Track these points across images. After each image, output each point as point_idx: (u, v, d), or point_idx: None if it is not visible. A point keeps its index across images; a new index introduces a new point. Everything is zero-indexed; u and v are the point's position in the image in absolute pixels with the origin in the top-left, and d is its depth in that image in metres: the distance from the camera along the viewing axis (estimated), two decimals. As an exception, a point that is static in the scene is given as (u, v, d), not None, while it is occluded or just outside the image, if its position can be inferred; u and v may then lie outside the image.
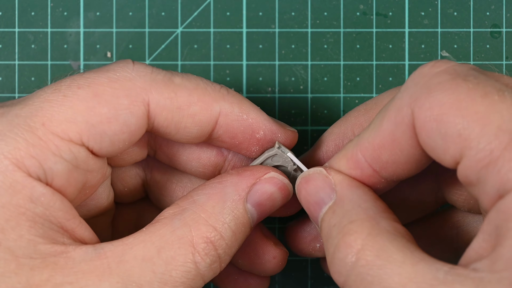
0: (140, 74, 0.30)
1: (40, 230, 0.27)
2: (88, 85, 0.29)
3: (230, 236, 0.30)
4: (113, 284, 0.27)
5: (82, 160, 0.29)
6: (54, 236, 0.28)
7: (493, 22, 0.41)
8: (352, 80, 0.41)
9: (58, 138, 0.28)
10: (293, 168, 0.33)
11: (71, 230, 0.28)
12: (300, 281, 0.41)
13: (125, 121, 0.29)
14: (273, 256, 0.34)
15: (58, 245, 0.28)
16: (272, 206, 0.32)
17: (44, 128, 0.28)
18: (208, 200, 0.30)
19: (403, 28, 0.41)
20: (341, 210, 0.28)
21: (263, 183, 0.31)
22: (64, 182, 0.28)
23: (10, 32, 0.41)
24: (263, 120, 0.32)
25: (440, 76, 0.26)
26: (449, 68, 0.26)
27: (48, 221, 0.28)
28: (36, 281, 0.27)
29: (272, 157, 0.33)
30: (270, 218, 0.41)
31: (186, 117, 0.30)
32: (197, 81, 0.31)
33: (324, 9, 0.41)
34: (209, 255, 0.29)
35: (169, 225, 0.29)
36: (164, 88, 0.30)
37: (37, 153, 0.27)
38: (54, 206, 0.28)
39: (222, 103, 0.31)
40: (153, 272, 0.28)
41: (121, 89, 0.29)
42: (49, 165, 0.28)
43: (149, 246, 0.28)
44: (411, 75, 0.27)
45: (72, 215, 0.29)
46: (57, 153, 0.28)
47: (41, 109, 0.28)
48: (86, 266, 0.27)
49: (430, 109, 0.25)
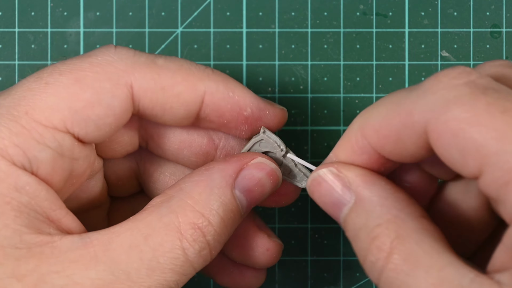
0: (122, 57, 0.30)
1: (25, 219, 0.27)
2: (70, 71, 0.29)
3: (218, 223, 0.29)
4: (99, 272, 0.27)
5: (67, 147, 0.29)
6: (40, 226, 0.28)
7: (493, 22, 0.41)
8: (352, 80, 0.41)
9: (42, 126, 0.28)
10: (282, 154, 0.33)
11: (57, 220, 0.28)
12: (300, 281, 0.41)
13: (109, 104, 0.29)
14: (267, 248, 0.34)
15: (44, 235, 0.27)
16: (261, 192, 0.31)
17: (27, 116, 0.28)
18: (194, 187, 0.30)
19: (403, 28, 0.41)
20: (364, 211, 0.28)
21: (250, 169, 0.31)
22: (50, 170, 0.28)
23: (10, 32, 0.41)
24: (249, 97, 0.32)
25: (459, 89, 0.25)
26: (470, 82, 0.25)
27: (33, 211, 0.27)
28: (22, 271, 0.26)
29: (260, 143, 0.33)
30: (270, 218, 0.41)
31: (171, 98, 0.30)
32: (180, 62, 0.31)
33: (324, 9, 0.41)
34: (197, 242, 0.29)
35: (156, 212, 0.29)
36: (146, 70, 0.30)
37: (20, 142, 0.27)
38: (39, 196, 0.28)
39: (207, 82, 0.31)
40: (141, 259, 0.28)
41: (103, 73, 0.29)
42: (34, 154, 0.28)
43: (136, 234, 0.28)
44: (428, 81, 0.26)
45: (58, 205, 0.28)
46: (41, 141, 0.28)
47: (24, 98, 0.28)
48: (72, 255, 0.27)
49: (447, 123, 0.25)
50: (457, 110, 0.24)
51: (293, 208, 0.41)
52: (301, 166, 0.33)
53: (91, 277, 0.27)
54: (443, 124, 0.25)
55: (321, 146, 0.41)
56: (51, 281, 0.26)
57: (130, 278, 0.27)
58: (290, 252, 0.41)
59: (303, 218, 0.41)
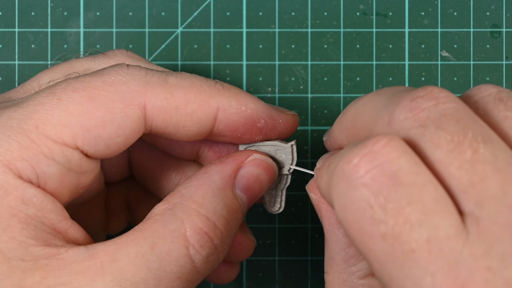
0: (134, 77, 0.30)
1: (32, 232, 0.27)
2: (83, 89, 0.29)
3: (224, 224, 0.30)
4: (106, 284, 0.27)
5: (75, 163, 0.29)
6: (46, 238, 0.28)
7: (493, 22, 0.41)
8: (352, 80, 0.41)
9: (52, 141, 0.28)
10: (284, 172, 0.33)
11: (63, 232, 0.28)
12: (300, 281, 0.41)
13: (120, 124, 0.29)
14: (238, 242, 0.34)
15: (50, 247, 0.27)
16: (260, 188, 0.32)
17: (37, 131, 0.28)
18: (196, 191, 0.30)
19: (403, 28, 0.41)
20: (326, 248, 0.30)
21: (248, 167, 0.31)
22: (58, 185, 0.28)
23: (10, 32, 0.41)
24: (262, 108, 0.32)
25: (338, 186, 0.24)
26: (347, 182, 0.24)
27: (40, 223, 0.28)
28: (28, 283, 0.26)
29: (279, 149, 0.33)
30: (270, 218, 0.41)
31: (184, 116, 0.30)
32: (191, 79, 0.31)
33: (324, 9, 0.41)
34: (205, 247, 0.29)
35: (161, 220, 0.29)
36: (159, 90, 0.30)
37: (29, 156, 0.27)
38: (46, 208, 0.28)
39: (219, 98, 0.31)
40: (148, 269, 0.28)
41: (116, 92, 0.29)
42: (42, 168, 0.28)
43: (142, 243, 0.28)
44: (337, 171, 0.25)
45: (64, 217, 0.28)
46: (50, 156, 0.28)
47: (36, 112, 0.28)
48: (79, 266, 0.27)
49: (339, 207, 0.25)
50: (349, 216, 0.24)
51: (293, 208, 0.41)
52: (285, 192, 0.34)
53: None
54: (340, 220, 0.25)
55: (321, 146, 0.41)
56: None
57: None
58: (290, 252, 0.41)
59: (303, 218, 0.41)
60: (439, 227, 0.21)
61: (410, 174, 0.22)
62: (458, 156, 0.22)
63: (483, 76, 0.41)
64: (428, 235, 0.21)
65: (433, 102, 0.24)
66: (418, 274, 0.21)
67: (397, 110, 0.24)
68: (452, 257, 0.21)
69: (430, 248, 0.21)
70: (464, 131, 0.23)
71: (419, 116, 0.24)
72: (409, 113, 0.24)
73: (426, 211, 0.22)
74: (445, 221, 0.21)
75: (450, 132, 0.23)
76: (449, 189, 0.22)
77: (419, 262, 0.21)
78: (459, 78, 0.41)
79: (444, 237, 0.21)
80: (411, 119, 0.24)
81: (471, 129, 0.23)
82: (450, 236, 0.21)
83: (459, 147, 0.22)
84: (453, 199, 0.22)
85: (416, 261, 0.21)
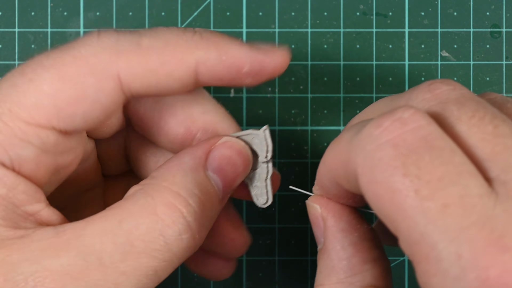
0: (104, 46, 0.29)
1: (2, 212, 0.27)
2: (53, 66, 0.28)
3: (197, 202, 0.29)
4: (71, 258, 0.26)
5: (51, 144, 0.28)
6: (16, 219, 0.27)
7: (493, 22, 0.41)
8: (352, 80, 0.41)
9: (25, 123, 0.28)
10: (263, 160, 0.32)
11: (36, 213, 0.28)
12: (300, 281, 0.41)
13: (94, 99, 0.29)
14: (231, 238, 0.34)
15: (19, 229, 0.27)
16: (234, 172, 0.31)
17: (10, 113, 0.28)
18: (167, 171, 0.29)
19: (403, 28, 0.41)
20: (322, 259, 0.29)
21: (219, 148, 0.31)
22: (34, 167, 0.28)
23: (10, 32, 0.41)
24: (245, 53, 0.30)
25: (384, 151, 0.24)
26: (395, 142, 0.24)
27: (11, 204, 0.27)
28: None
29: (254, 137, 0.32)
30: (270, 218, 0.41)
31: (163, 77, 0.30)
32: (166, 37, 0.30)
33: (324, 9, 0.41)
34: (176, 223, 0.28)
35: (131, 198, 0.28)
36: (132, 56, 0.29)
37: (2, 139, 0.27)
38: (17, 189, 0.27)
39: (197, 53, 0.30)
40: (114, 244, 0.27)
41: (86, 66, 0.28)
42: (16, 151, 0.28)
43: (111, 219, 0.27)
44: (368, 129, 0.25)
45: (36, 199, 0.28)
46: (25, 139, 0.28)
47: (9, 95, 0.28)
48: (45, 243, 0.27)
49: (368, 185, 0.24)
50: (377, 176, 0.24)
51: (293, 208, 0.41)
52: (269, 183, 0.33)
53: (62, 263, 0.26)
54: (365, 184, 0.24)
55: (321, 146, 0.41)
56: (22, 269, 0.26)
57: (102, 263, 0.27)
58: (290, 252, 0.41)
59: (303, 218, 0.41)
60: (472, 186, 0.22)
61: (441, 140, 0.23)
62: (480, 130, 0.23)
63: (483, 76, 0.41)
64: (462, 192, 0.22)
65: (451, 86, 0.25)
66: (453, 228, 0.22)
67: (414, 93, 0.25)
68: (485, 213, 0.22)
69: (464, 204, 0.22)
70: (484, 110, 0.24)
71: (438, 96, 0.25)
72: (428, 93, 0.25)
73: (458, 171, 0.22)
74: (476, 181, 0.22)
75: (471, 109, 0.24)
76: (472, 157, 0.23)
77: (453, 216, 0.22)
78: (459, 78, 0.41)
79: (477, 194, 0.22)
80: (430, 98, 0.25)
81: (490, 109, 0.24)
82: (482, 194, 0.22)
83: (480, 121, 0.24)
84: (477, 167, 0.23)
85: (450, 215, 0.22)
